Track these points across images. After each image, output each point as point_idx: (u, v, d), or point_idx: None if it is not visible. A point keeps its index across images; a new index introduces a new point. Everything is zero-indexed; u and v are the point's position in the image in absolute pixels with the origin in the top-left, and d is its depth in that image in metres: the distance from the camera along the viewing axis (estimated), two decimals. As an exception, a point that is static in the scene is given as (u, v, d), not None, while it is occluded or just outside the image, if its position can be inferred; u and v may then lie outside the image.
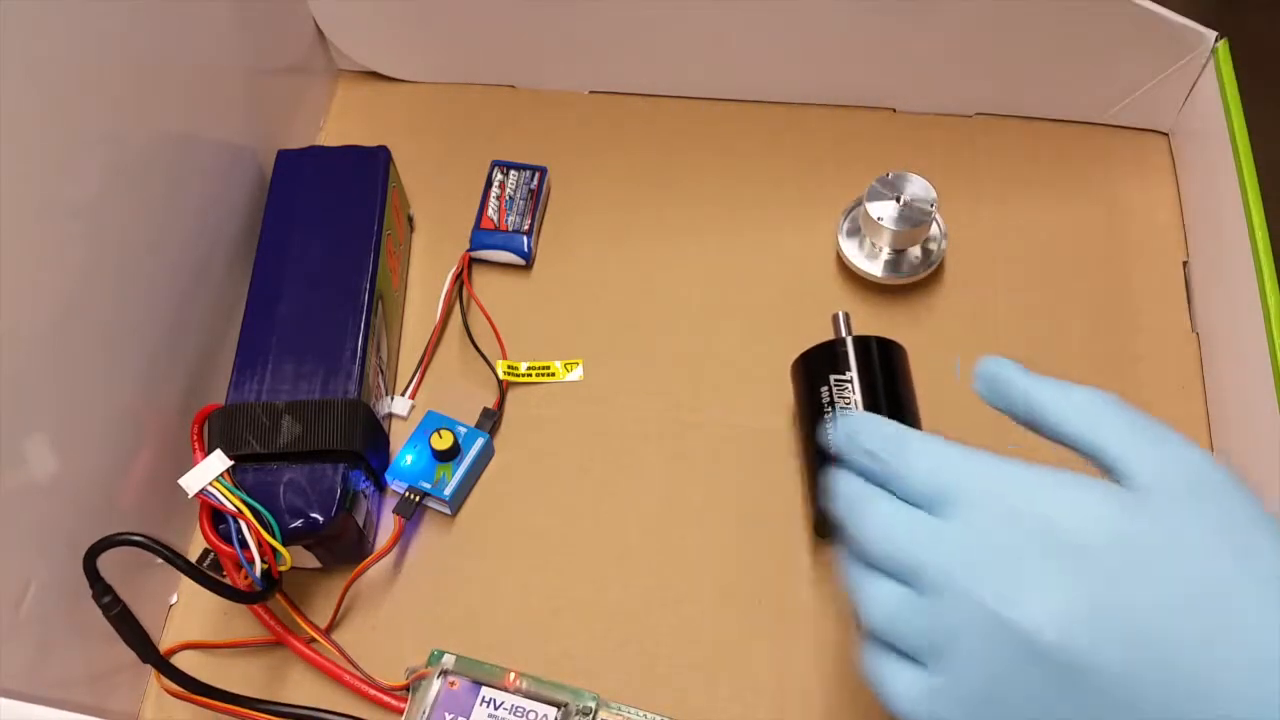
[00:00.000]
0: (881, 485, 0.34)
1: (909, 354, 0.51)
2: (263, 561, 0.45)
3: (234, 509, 0.44)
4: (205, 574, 0.44)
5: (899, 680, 0.32)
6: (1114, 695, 0.28)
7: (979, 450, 0.32)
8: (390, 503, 0.52)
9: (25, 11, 0.40)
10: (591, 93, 0.67)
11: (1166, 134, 0.63)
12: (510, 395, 0.56)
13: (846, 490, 0.34)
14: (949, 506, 0.32)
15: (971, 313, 0.57)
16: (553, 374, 0.57)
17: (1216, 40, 0.56)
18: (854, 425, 0.35)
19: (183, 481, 0.45)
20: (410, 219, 0.62)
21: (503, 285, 0.59)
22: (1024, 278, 0.58)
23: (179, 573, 0.43)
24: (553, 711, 0.46)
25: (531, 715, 0.45)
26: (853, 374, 0.49)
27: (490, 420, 0.55)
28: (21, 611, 0.41)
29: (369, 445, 0.50)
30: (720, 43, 0.62)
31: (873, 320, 0.56)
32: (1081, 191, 0.61)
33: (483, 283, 0.60)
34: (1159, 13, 0.53)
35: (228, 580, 0.45)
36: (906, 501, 0.33)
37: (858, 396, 0.49)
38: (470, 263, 0.59)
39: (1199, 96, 0.59)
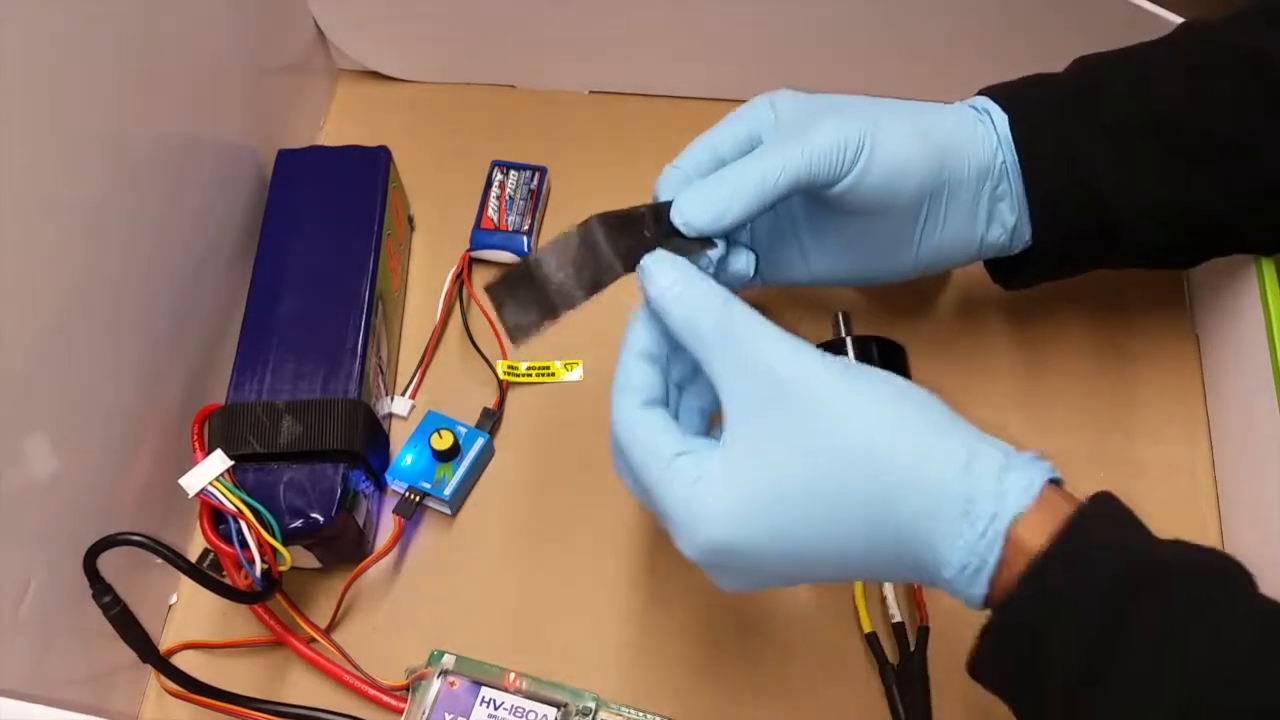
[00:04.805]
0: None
1: (909, 354, 0.51)
2: (263, 561, 0.45)
3: (234, 509, 0.44)
4: (205, 574, 0.44)
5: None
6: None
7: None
8: (390, 503, 0.52)
9: (25, 11, 0.40)
10: (591, 93, 0.66)
11: (1166, 134, 0.63)
12: (510, 395, 0.56)
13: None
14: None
15: (971, 312, 0.57)
16: (553, 374, 0.57)
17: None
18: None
19: (183, 481, 0.45)
20: (410, 219, 0.62)
21: (503, 285, 0.59)
22: (1024, 278, 0.58)
23: (179, 573, 0.43)
24: (553, 711, 0.46)
25: (531, 715, 0.45)
26: (853, 374, 0.49)
27: (490, 420, 0.55)
28: (21, 611, 0.41)
29: (369, 445, 0.50)
30: (720, 43, 0.62)
31: (873, 320, 0.56)
32: (1081, 192, 0.61)
33: (483, 283, 0.59)
34: (1159, 14, 0.53)
35: (228, 580, 0.45)
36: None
37: (858, 396, 0.49)
38: (470, 263, 0.59)
39: (1199, 97, 0.58)
